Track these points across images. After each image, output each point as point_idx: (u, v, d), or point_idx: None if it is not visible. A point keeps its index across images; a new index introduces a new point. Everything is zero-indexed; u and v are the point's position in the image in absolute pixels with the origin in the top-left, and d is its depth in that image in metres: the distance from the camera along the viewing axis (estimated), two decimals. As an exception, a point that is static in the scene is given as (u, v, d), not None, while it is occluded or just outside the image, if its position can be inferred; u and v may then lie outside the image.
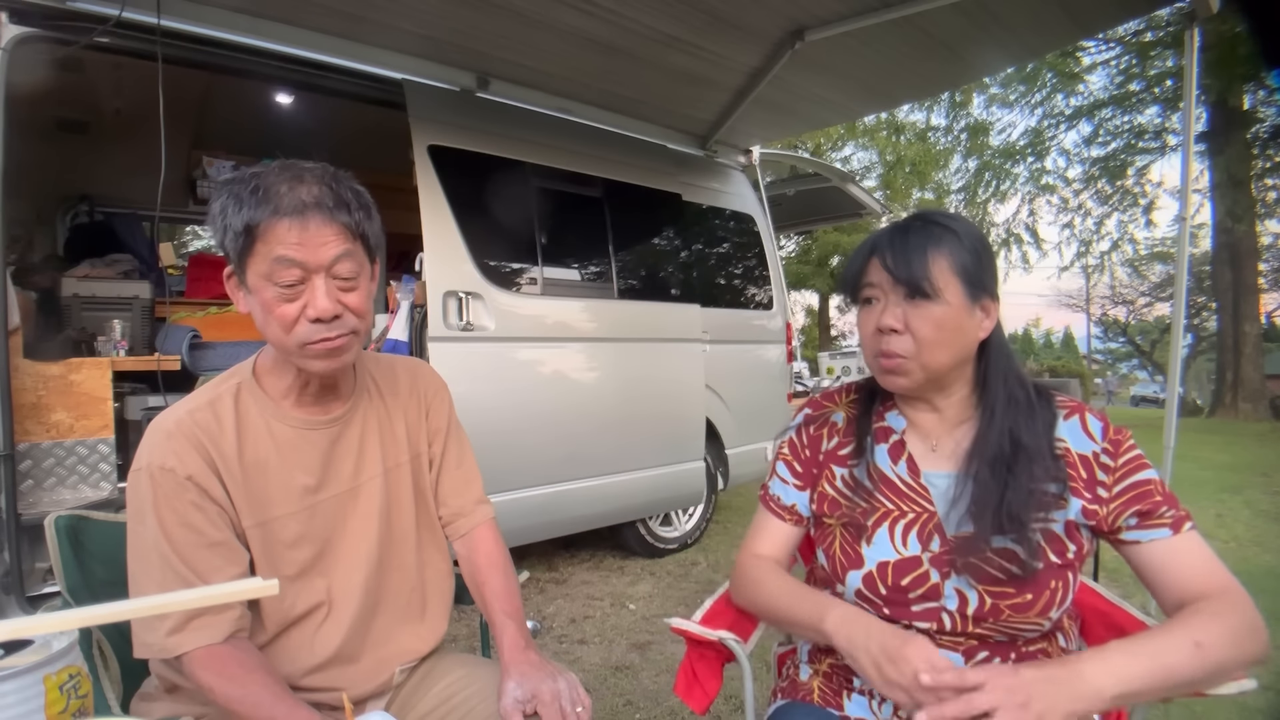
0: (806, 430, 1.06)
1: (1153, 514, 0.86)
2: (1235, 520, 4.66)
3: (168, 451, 0.88)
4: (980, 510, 0.87)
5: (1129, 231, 16.48)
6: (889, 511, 0.94)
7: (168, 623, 0.84)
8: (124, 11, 2.14)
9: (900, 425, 0.99)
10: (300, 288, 0.86)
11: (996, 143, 16.20)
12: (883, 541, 0.92)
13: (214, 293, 3.58)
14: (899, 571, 0.90)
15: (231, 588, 0.69)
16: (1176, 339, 2.80)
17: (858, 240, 18.53)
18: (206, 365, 2.72)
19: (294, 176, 0.87)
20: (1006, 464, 0.87)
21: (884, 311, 0.91)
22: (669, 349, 3.46)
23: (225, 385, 0.96)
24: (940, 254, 0.89)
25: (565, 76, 3.17)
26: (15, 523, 2.12)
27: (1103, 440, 0.90)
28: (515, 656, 0.95)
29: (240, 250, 0.86)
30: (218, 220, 0.87)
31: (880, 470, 0.97)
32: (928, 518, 0.92)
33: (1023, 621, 0.86)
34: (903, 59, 3.22)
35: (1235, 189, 12.33)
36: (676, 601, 3.06)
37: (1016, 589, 0.85)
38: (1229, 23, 7.30)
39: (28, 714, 0.58)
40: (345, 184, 0.90)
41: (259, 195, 0.84)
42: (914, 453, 0.96)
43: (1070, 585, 0.86)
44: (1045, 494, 0.86)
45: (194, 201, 3.95)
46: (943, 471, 0.94)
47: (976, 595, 0.86)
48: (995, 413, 0.91)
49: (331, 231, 0.86)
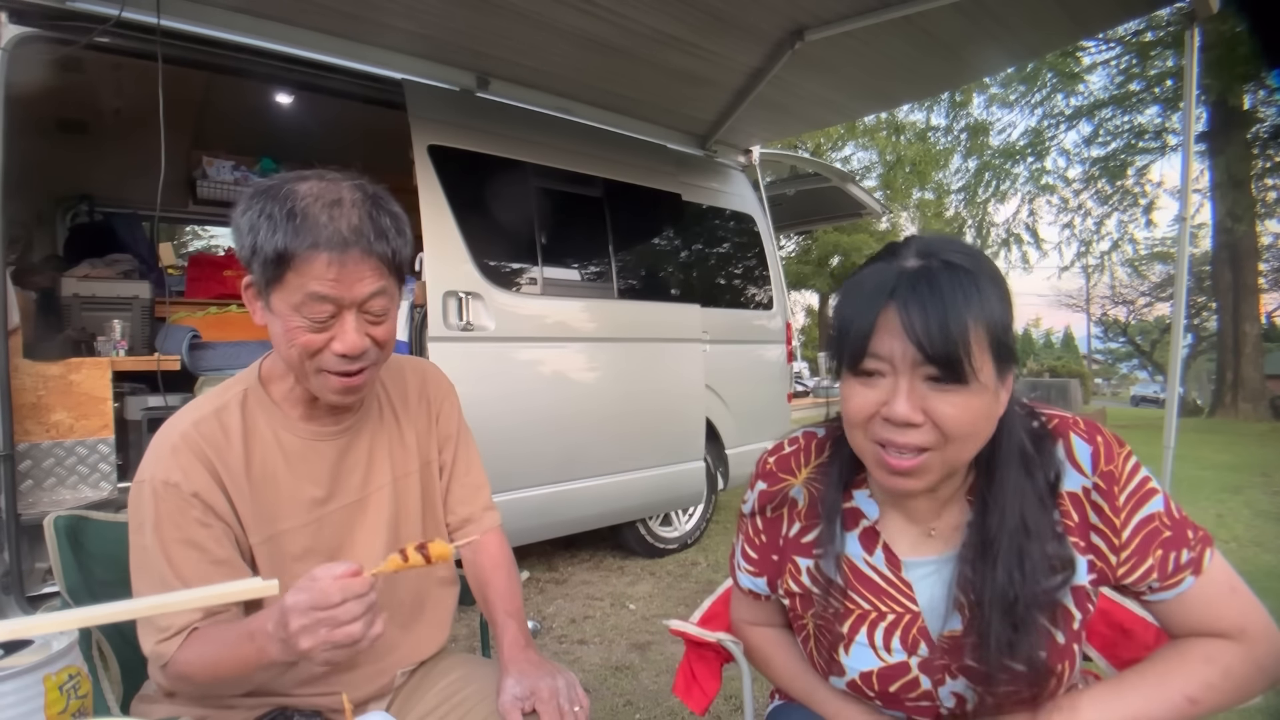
0: (763, 514, 0.91)
1: (1174, 567, 0.74)
2: (1235, 520, 4.66)
3: (173, 466, 0.86)
4: (980, 608, 0.72)
5: (1129, 231, 16.53)
6: (865, 613, 0.80)
7: (157, 633, 0.83)
8: (124, 11, 2.14)
9: (873, 512, 0.82)
10: (329, 321, 0.84)
11: (996, 143, 16.24)
12: (862, 649, 0.80)
13: (214, 293, 3.58)
14: (885, 680, 0.79)
15: (231, 587, 0.69)
16: (1176, 339, 2.80)
17: (858, 240, 18.26)
18: (206, 365, 2.71)
19: (333, 201, 0.82)
20: (1018, 554, 0.71)
21: (895, 395, 0.69)
22: (669, 349, 3.46)
23: (231, 393, 0.94)
24: (979, 319, 0.68)
25: (565, 76, 3.17)
26: (15, 523, 2.12)
27: (1093, 473, 0.74)
28: (515, 654, 0.95)
29: (269, 276, 0.82)
30: (245, 236, 0.82)
31: (852, 563, 0.81)
32: (910, 619, 0.78)
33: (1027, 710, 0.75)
34: (903, 59, 3.22)
35: (1235, 189, 12.34)
36: (676, 601, 3.06)
37: (1020, 686, 0.72)
38: (1229, 23, 7.30)
39: (28, 714, 0.58)
40: (384, 208, 0.86)
41: (296, 222, 0.80)
42: (890, 541, 0.81)
43: (1078, 656, 0.75)
44: (1054, 583, 0.72)
45: (194, 201, 3.96)
46: (929, 558, 0.80)
47: (976, 696, 0.75)
48: (1006, 493, 0.73)
49: (369, 267, 0.83)
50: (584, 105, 3.40)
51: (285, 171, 0.89)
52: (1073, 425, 0.77)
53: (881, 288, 0.70)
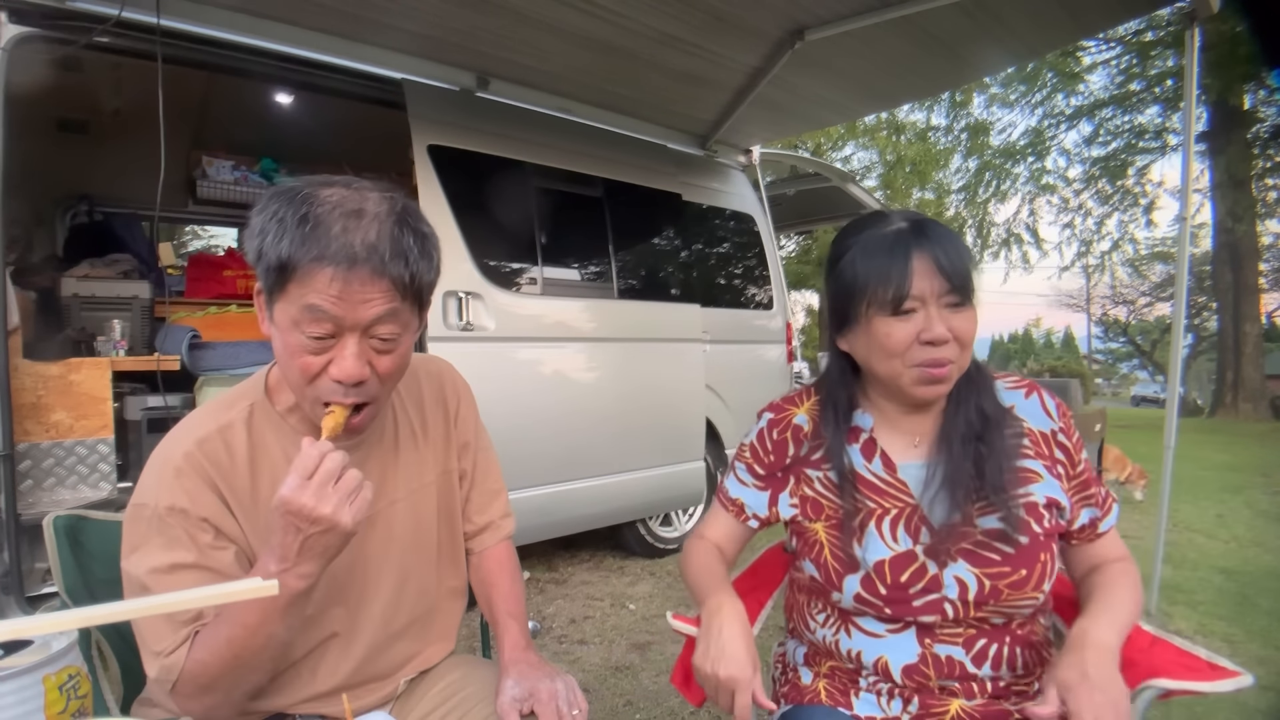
0: (770, 435, 1.04)
1: (1103, 496, 0.96)
2: (1235, 520, 4.66)
3: (177, 490, 0.81)
4: (961, 490, 0.89)
5: (1129, 231, 16.55)
6: (873, 510, 0.93)
7: (157, 658, 0.79)
8: (124, 11, 2.14)
9: (868, 423, 0.98)
10: (330, 341, 0.78)
11: (997, 142, 16.24)
12: (874, 540, 0.91)
13: (214, 293, 3.58)
14: (896, 568, 0.90)
15: (231, 587, 0.66)
16: (1177, 339, 2.80)
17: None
18: (206, 365, 2.71)
19: (352, 212, 0.77)
20: (976, 437, 0.91)
21: (929, 321, 0.87)
22: (669, 349, 3.46)
23: (237, 409, 0.88)
24: (969, 251, 0.91)
25: (565, 76, 3.17)
26: (15, 523, 2.12)
27: (1059, 419, 0.96)
28: (515, 656, 0.95)
29: (272, 284, 0.77)
30: (255, 238, 0.77)
31: (855, 470, 0.96)
32: (911, 510, 0.92)
33: (1020, 598, 0.88)
34: (903, 59, 3.22)
35: (1235, 189, 12.35)
36: (676, 601, 3.06)
37: (1012, 567, 0.87)
38: (1229, 22, 7.29)
39: (28, 714, 0.58)
40: (410, 225, 0.80)
41: (306, 229, 0.75)
42: (886, 448, 0.96)
43: (1055, 556, 0.90)
44: (1018, 464, 0.91)
45: (194, 201, 3.95)
46: (917, 462, 0.95)
47: (975, 579, 0.88)
48: (961, 393, 0.93)
49: (378, 288, 0.77)
50: (584, 105, 3.39)
51: (305, 175, 0.83)
52: (1040, 386, 0.99)
53: (902, 244, 0.88)
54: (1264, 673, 2.35)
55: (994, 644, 0.90)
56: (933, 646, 0.90)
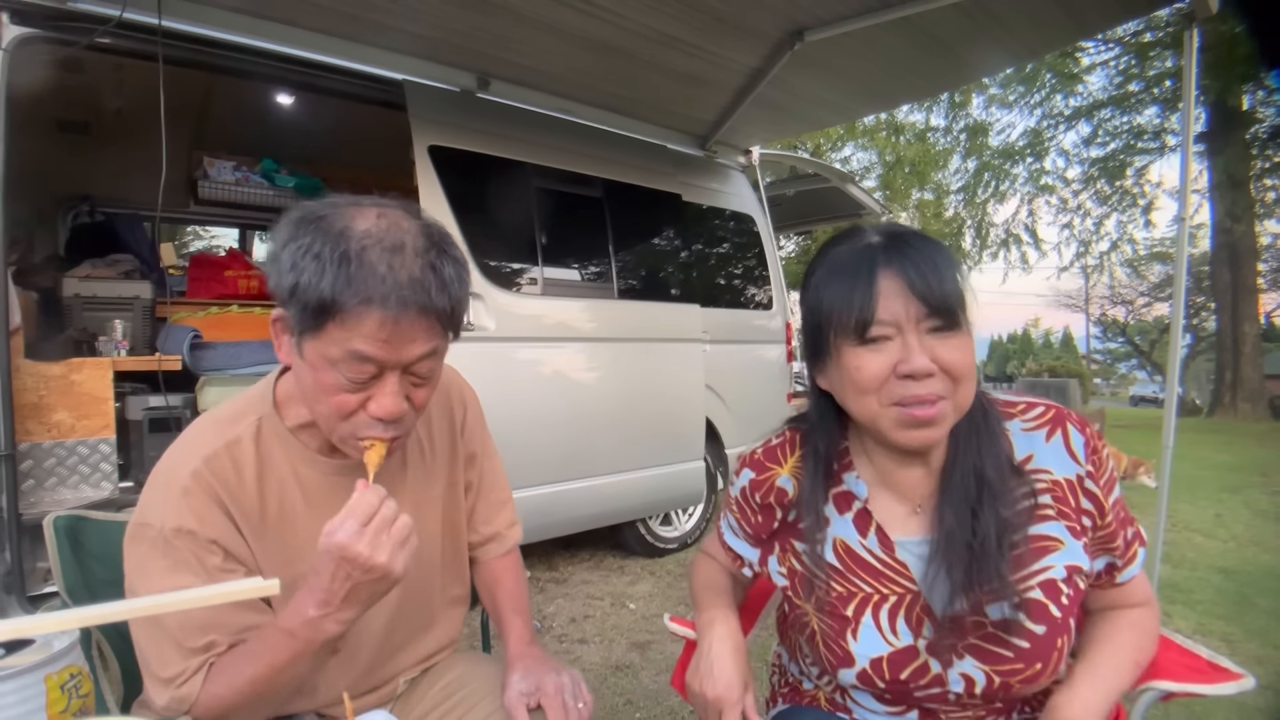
0: (753, 499, 0.92)
1: (1129, 538, 0.82)
2: (1234, 520, 4.65)
3: (185, 511, 0.78)
4: (960, 572, 0.76)
5: (1128, 232, 16.55)
6: (868, 595, 0.82)
7: (165, 685, 0.77)
8: (125, 12, 2.14)
9: (862, 491, 0.84)
10: (369, 381, 0.76)
11: (996, 143, 16.25)
12: (870, 633, 0.81)
13: (214, 293, 3.58)
14: (895, 666, 0.80)
15: (230, 587, 0.65)
16: (1175, 339, 2.80)
17: (857, 240, 18.92)
18: (207, 365, 2.72)
19: (394, 246, 0.73)
20: (972, 508, 0.76)
21: (907, 351, 0.73)
22: (669, 349, 3.46)
23: (244, 424, 0.85)
24: (954, 270, 0.75)
25: (565, 77, 3.17)
26: (16, 522, 2.12)
27: (1086, 461, 0.79)
28: (520, 650, 0.96)
29: (307, 324, 0.73)
30: (285, 273, 0.72)
31: (848, 546, 0.84)
32: (912, 599, 0.81)
33: (1033, 688, 0.80)
34: (903, 59, 3.22)
35: (1234, 189, 12.35)
36: (676, 601, 3.06)
37: (1025, 663, 0.76)
38: (1228, 23, 7.29)
39: (29, 713, 0.58)
40: (448, 254, 0.77)
41: (349, 269, 0.70)
42: (882, 522, 0.83)
43: (1073, 632, 0.79)
44: (1030, 533, 0.77)
45: (195, 202, 3.95)
46: (917, 537, 0.82)
47: (984, 676, 0.78)
48: (961, 443, 0.79)
49: (424, 326, 0.75)
50: (584, 106, 3.39)
51: (335, 196, 0.79)
52: (1067, 417, 0.82)
53: (867, 261, 0.75)
54: (1263, 672, 2.35)
55: (1001, 718, 0.85)
56: None
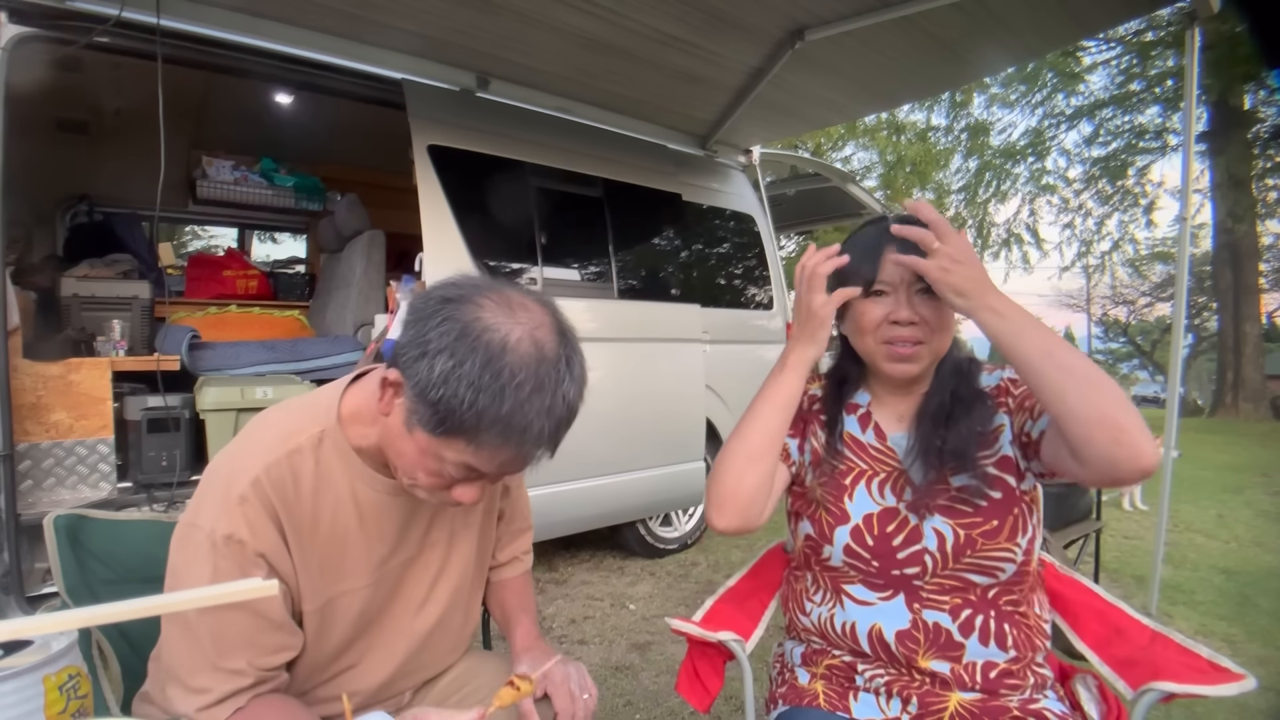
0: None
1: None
2: (1236, 520, 4.66)
3: (239, 520, 0.77)
4: (933, 456, 0.99)
5: (1129, 231, 16.53)
6: (864, 471, 1.05)
7: (194, 695, 0.77)
8: (124, 11, 2.13)
9: (865, 400, 1.11)
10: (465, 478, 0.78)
11: (997, 143, 16.20)
12: (862, 496, 1.03)
13: (213, 293, 3.58)
14: (883, 521, 1.01)
15: (230, 588, 0.64)
16: (1177, 339, 2.80)
17: (858, 240, 19.24)
18: (206, 365, 2.71)
19: (549, 388, 0.73)
20: (946, 415, 1.01)
21: (897, 305, 0.98)
22: (669, 349, 3.45)
23: (306, 434, 0.84)
24: None
25: (565, 76, 3.17)
26: (15, 523, 2.12)
27: (1008, 373, 1.05)
28: (527, 644, 1.00)
29: (433, 425, 0.72)
30: (436, 386, 0.70)
31: (853, 436, 1.08)
32: (898, 474, 1.03)
33: (995, 549, 0.95)
34: (903, 59, 3.21)
35: (1236, 189, 12.34)
36: (676, 602, 3.06)
37: (984, 518, 0.96)
38: (1229, 22, 7.29)
39: (27, 714, 0.58)
40: (583, 386, 0.78)
41: (502, 409, 0.70)
42: (879, 420, 1.08)
43: (1029, 518, 0.98)
44: (982, 432, 1.00)
45: (194, 201, 3.96)
46: (903, 433, 1.06)
47: (951, 530, 0.97)
48: (943, 380, 1.04)
49: (536, 457, 0.77)
50: (584, 105, 3.39)
51: (471, 280, 0.79)
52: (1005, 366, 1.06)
53: (882, 237, 0.99)
54: (1264, 673, 2.35)
55: (979, 615, 0.96)
56: (921, 612, 0.97)
